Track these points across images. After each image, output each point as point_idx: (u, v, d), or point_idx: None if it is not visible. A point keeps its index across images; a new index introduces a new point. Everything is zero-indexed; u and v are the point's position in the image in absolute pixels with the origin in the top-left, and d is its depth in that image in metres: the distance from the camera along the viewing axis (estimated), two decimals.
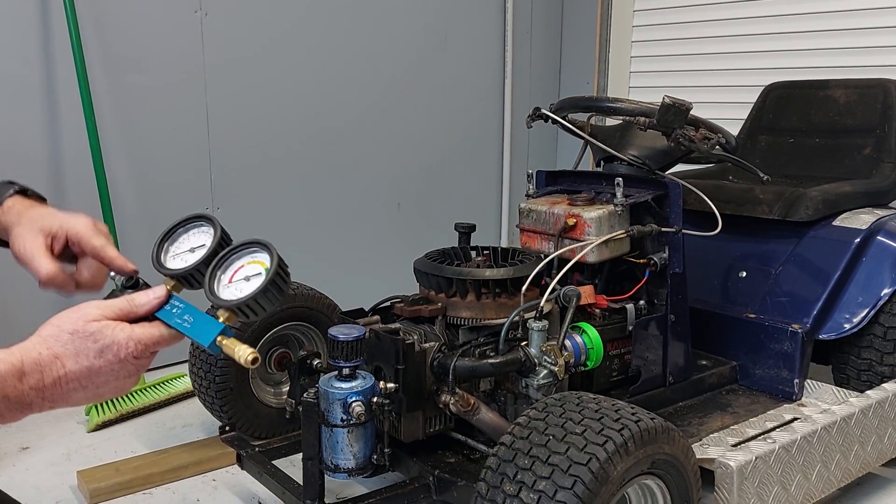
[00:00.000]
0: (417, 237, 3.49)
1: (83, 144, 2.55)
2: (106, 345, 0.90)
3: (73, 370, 0.89)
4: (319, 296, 2.23)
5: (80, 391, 0.90)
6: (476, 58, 3.73)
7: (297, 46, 3.10)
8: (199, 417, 2.46)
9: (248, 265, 0.97)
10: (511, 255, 1.93)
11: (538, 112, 2.15)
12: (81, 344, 0.90)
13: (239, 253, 1.01)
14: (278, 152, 3.12)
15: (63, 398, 0.89)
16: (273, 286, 0.94)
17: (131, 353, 0.92)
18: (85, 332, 0.90)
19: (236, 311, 0.96)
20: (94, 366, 0.90)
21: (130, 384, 0.95)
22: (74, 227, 1.10)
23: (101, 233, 1.11)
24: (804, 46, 3.23)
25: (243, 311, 0.96)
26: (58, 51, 2.54)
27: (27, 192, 1.20)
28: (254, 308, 0.95)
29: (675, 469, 1.43)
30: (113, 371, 0.91)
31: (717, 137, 1.94)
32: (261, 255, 0.99)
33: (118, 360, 0.91)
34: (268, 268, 0.95)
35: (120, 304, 0.97)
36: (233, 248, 1.02)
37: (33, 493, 2.02)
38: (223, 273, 0.98)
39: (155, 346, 0.95)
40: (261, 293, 0.94)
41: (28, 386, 0.86)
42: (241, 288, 0.97)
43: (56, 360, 0.89)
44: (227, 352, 0.94)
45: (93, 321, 0.92)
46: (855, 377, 2.20)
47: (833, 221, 2.26)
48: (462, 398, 1.68)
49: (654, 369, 2.02)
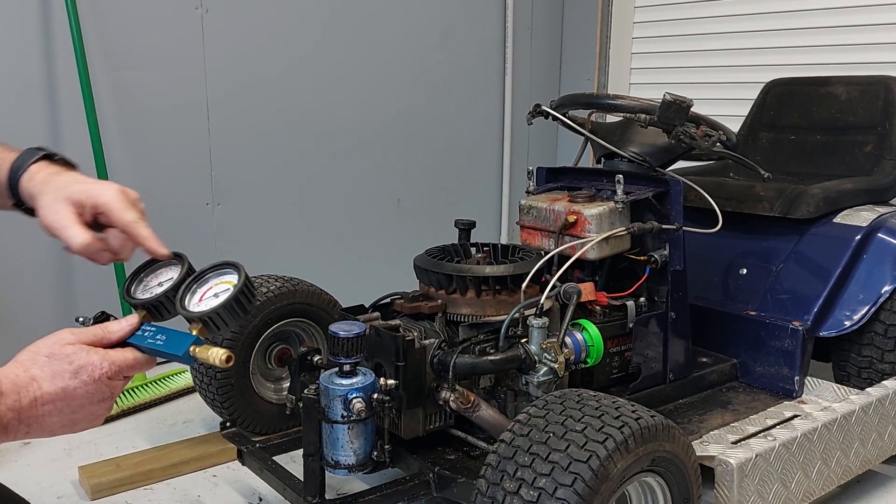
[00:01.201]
0: (417, 234, 3.49)
1: (84, 140, 2.55)
2: (81, 365, 0.92)
3: (49, 391, 0.90)
4: (320, 292, 2.23)
5: (56, 415, 0.91)
6: (476, 54, 3.73)
7: (296, 43, 3.10)
8: (199, 413, 2.47)
9: (218, 284, 1.04)
10: (511, 251, 1.93)
11: (538, 108, 2.15)
12: (57, 365, 0.91)
13: (211, 274, 1.07)
14: (278, 149, 3.12)
15: (38, 422, 0.90)
16: (237, 301, 1.01)
17: (105, 373, 0.94)
18: (61, 354, 0.93)
19: (206, 321, 1.02)
20: (70, 387, 0.91)
21: (104, 409, 0.96)
22: (101, 196, 1.06)
23: (132, 204, 1.08)
24: (806, 43, 3.23)
25: (213, 322, 1.01)
26: (59, 47, 2.54)
27: (54, 157, 1.16)
28: (222, 318, 1.01)
29: (676, 466, 1.43)
30: (88, 393, 0.92)
31: (718, 134, 1.94)
32: (230, 276, 1.06)
33: (93, 381, 0.93)
34: (235, 285, 1.03)
35: (94, 331, 1.00)
36: (206, 269, 1.08)
37: (35, 488, 2.03)
38: (195, 293, 1.05)
39: (129, 369, 0.98)
40: (226, 306, 1.01)
41: (5, 406, 0.87)
42: (210, 304, 1.03)
43: (33, 381, 0.90)
44: (202, 358, 1.00)
45: (68, 345, 0.94)
46: (855, 374, 2.20)
47: (834, 219, 2.26)
48: (462, 395, 1.68)
49: (655, 366, 2.02)
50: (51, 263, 2.64)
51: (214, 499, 2.01)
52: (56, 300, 2.68)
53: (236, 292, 1.01)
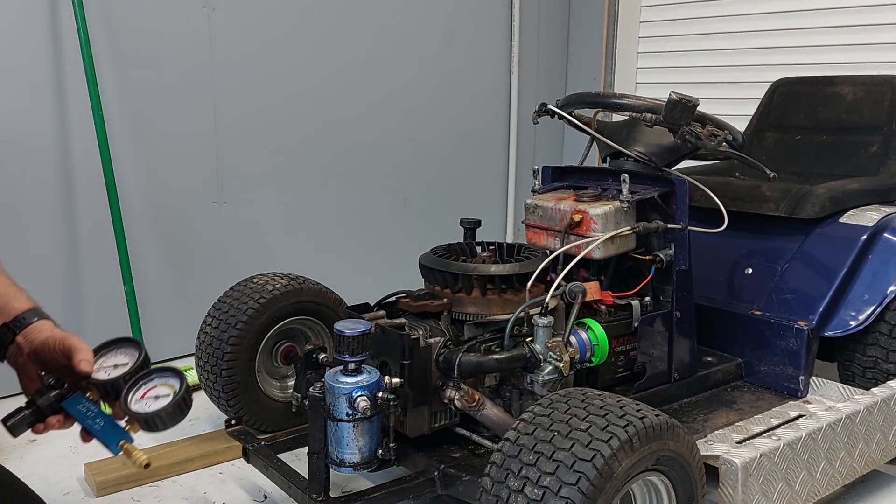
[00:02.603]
0: (423, 232, 3.49)
1: (91, 139, 2.56)
2: None
3: None
4: (325, 290, 2.23)
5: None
6: (483, 53, 3.73)
7: (303, 42, 3.11)
8: (205, 411, 2.47)
9: (160, 386, 1.12)
10: (516, 250, 1.93)
11: (544, 108, 2.15)
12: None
13: (154, 375, 1.15)
14: (285, 147, 3.13)
15: None
16: (176, 408, 1.10)
17: None
18: None
19: (142, 422, 1.10)
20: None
21: None
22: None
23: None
24: (812, 43, 3.22)
25: (148, 423, 1.10)
26: (66, 46, 2.55)
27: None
28: (156, 422, 1.10)
29: (680, 466, 1.43)
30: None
31: (724, 134, 1.94)
32: (172, 381, 1.14)
33: None
34: (176, 391, 1.11)
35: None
36: (151, 370, 1.16)
37: (41, 484, 2.04)
38: (138, 390, 1.12)
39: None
40: (164, 412, 1.09)
41: None
42: (149, 404, 1.12)
43: None
44: (126, 455, 1.09)
45: None
46: (860, 374, 2.20)
47: (839, 219, 2.25)
48: (467, 393, 1.68)
49: (660, 366, 2.03)
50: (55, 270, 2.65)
51: (220, 496, 2.02)
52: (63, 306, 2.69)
53: (177, 399, 1.09)
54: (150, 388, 1.13)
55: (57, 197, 2.62)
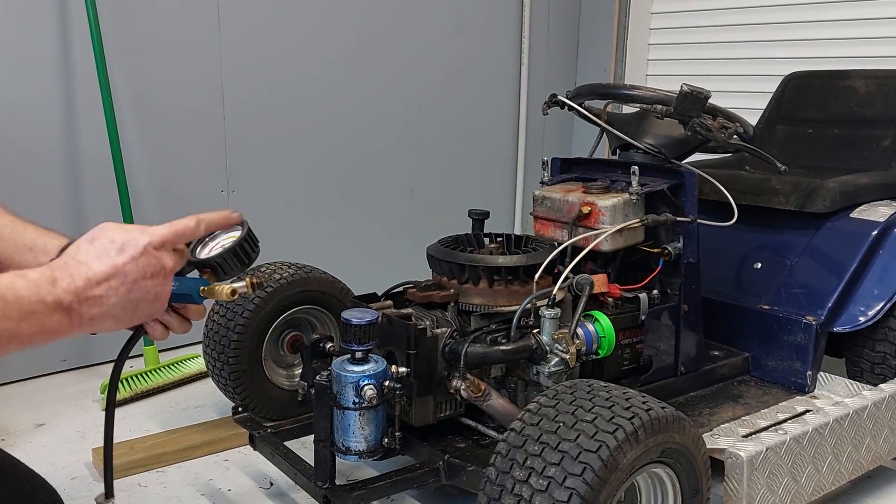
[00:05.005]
0: (431, 223, 3.49)
1: (100, 127, 2.56)
2: (124, 241, 0.94)
3: (100, 270, 0.91)
4: (333, 280, 2.23)
5: (114, 295, 0.92)
6: (492, 44, 3.71)
7: (312, 30, 3.10)
8: (212, 398, 2.49)
9: (226, 239, 1.11)
10: (524, 242, 1.93)
11: (554, 99, 2.14)
12: (100, 246, 0.93)
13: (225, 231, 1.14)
14: (293, 137, 3.13)
15: (98, 304, 0.91)
16: (240, 248, 1.09)
17: (149, 244, 0.95)
18: (102, 236, 0.95)
19: (211, 265, 1.09)
20: (118, 263, 0.92)
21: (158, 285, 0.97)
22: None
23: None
24: (825, 36, 3.19)
25: (219, 266, 1.08)
26: (75, 33, 2.55)
27: None
28: (222, 265, 1.08)
29: (685, 458, 1.43)
30: (138, 268, 0.93)
31: (735, 127, 1.93)
32: (235, 231, 1.13)
33: (139, 254, 0.94)
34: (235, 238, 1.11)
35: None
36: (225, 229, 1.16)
37: (49, 469, 2.05)
38: (206, 246, 1.11)
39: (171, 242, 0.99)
40: (227, 252, 1.08)
41: (61, 289, 0.88)
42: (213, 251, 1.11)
43: (81, 263, 0.91)
44: (209, 295, 1.07)
45: (108, 229, 0.96)
46: (868, 370, 2.19)
47: (850, 213, 2.24)
48: (473, 384, 1.68)
49: (666, 359, 2.02)
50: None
51: (225, 483, 2.03)
52: None
53: (238, 241, 1.09)
54: (216, 243, 1.12)
55: (66, 183, 2.63)
